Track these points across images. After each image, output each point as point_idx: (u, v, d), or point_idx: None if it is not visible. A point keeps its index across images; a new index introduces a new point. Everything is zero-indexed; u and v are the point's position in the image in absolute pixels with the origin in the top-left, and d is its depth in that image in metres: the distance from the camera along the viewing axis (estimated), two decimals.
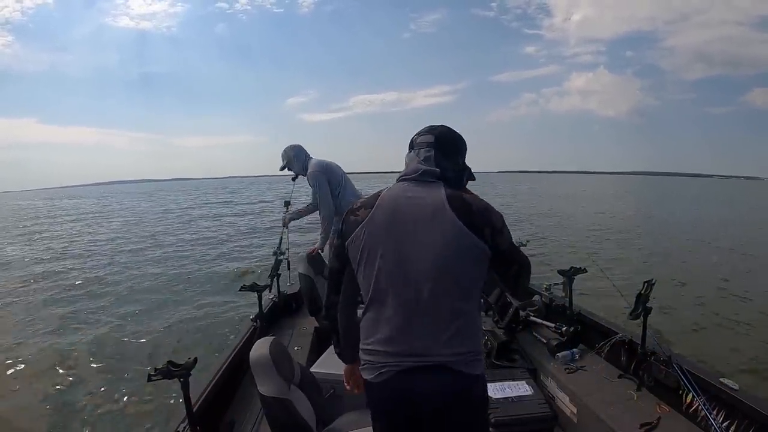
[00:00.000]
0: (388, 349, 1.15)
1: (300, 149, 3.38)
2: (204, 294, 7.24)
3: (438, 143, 1.22)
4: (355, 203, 1.24)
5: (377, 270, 1.15)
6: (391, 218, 1.15)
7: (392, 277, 1.14)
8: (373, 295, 1.17)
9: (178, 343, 5.13)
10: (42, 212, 29.84)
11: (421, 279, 1.12)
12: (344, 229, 1.21)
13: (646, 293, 2.10)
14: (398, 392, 1.15)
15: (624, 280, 6.20)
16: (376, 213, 1.16)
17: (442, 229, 1.12)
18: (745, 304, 6.42)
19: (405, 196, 1.17)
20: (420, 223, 1.13)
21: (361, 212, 1.19)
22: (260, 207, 24.83)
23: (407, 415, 1.17)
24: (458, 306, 1.14)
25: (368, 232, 1.16)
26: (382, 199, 1.18)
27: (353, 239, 1.18)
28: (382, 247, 1.15)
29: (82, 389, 4.13)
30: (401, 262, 1.13)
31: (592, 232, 13.36)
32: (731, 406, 1.75)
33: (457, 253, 1.12)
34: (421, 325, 1.13)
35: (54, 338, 5.42)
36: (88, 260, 10.56)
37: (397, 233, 1.14)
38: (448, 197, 1.15)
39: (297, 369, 1.70)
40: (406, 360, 1.13)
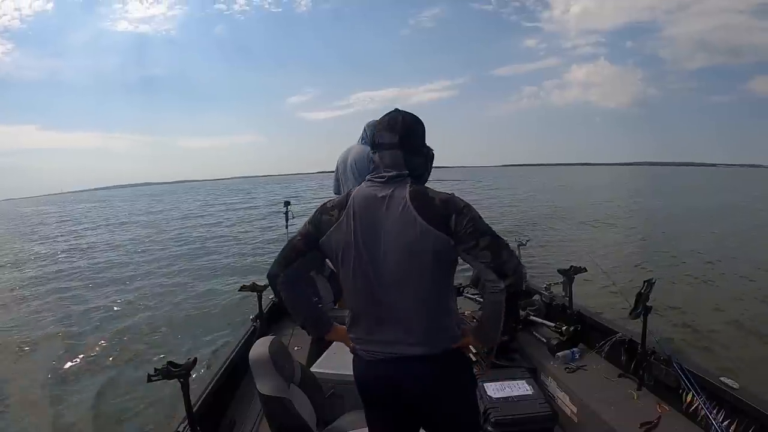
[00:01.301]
0: (371, 340, 1.24)
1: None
2: (204, 293, 7.24)
3: (403, 143, 1.23)
4: (328, 202, 1.29)
5: (352, 270, 1.21)
6: (361, 219, 1.19)
7: (364, 277, 1.20)
8: (350, 292, 1.25)
9: (178, 343, 5.13)
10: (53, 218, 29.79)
11: (389, 278, 1.19)
12: (319, 225, 1.25)
13: (646, 293, 2.10)
14: (384, 379, 1.24)
15: (624, 280, 6.20)
16: (347, 213, 1.21)
17: (406, 229, 1.16)
18: (745, 303, 6.42)
19: (375, 196, 1.21)
20: (387, 223, 1.18)
21: (335, 213, 1.23)
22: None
23: (395, 402, 1.25)
24: (428, 301, 1.20)
25: (341, 233, 1.21)
26: (353, 200, 1.22)
27: (328, 237, 1.23)
28: (354, 247, 1.19)
29: (82, 389, 4.13)
30: (371, 262, 1.19)
31: (590, 226, 13.35)
32: (731, 406, 1.74)
33: (420, 251, 1.16)
34: (393, 323, 1.21)
35: (54, 337, 5.42)
36: (93, 262, 10.56)
37: (367, 234, 1.19)
38: (411, 196, 1.18)
39: (297, 368, 1.69)
40: (386, 352, 1.22)
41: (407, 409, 1.27)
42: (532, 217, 16.48)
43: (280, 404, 1.46)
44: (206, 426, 1.74)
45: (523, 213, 17.90)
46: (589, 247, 9.80)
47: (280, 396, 1.46)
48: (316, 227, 1.25)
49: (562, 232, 12.88)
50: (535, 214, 17.04)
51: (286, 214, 4.20)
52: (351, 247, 1.20)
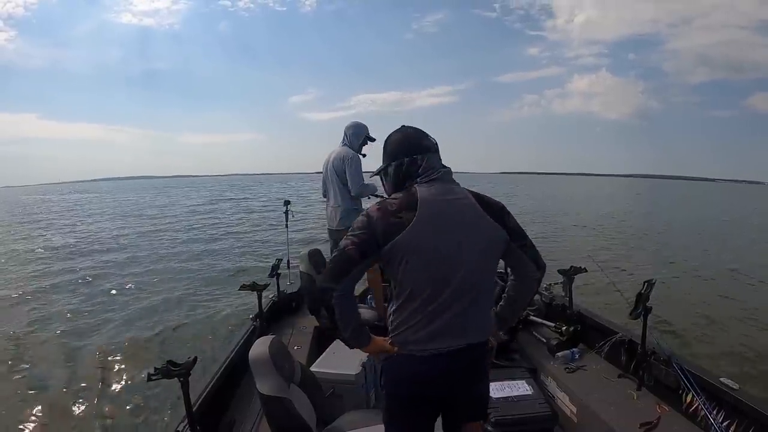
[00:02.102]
0: (441, 333, 1.26)
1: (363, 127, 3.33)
2: (204, 293, 7.24)
3: (437, 146, 1.37)
4: (391, 204, 1.27)
5: (424, 269, 1.24)
6: (437, 220, 1.24)
7: (445, 272, 1.24)
8: (417, 292, 1.25)
9: (178, 342, 5.13)
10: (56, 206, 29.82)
11: (467, 275, 1.25)
12: (384, 230, 1.23)
13: (646, 293, 2.10)
14: (445, 370, 1.28)
15: (624, 280, 6.21)
16: (421, 215, 1.23)
17: (483, 229, 1.26)
18: (746, 303, 6.43)
19: (444, 198, 1.27)
20: (464, 224, 1.25)
21: (403, 215, 1.23)
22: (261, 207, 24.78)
23: (448, 391, 1.33)
24: (490, 293, 1.36)
25: (416, 234, 1.22)
26: (423, 202, 1.25)
27: (398, 241, 1.22)
28: (432, 247, 1.23)
29: (82, 389, 4.12)
30: (451, 261, 1.24)
31: (595, 232, 13.37)
32: (731, 406, 1.75)
33: (494, 248, 1.29)
34: (470, 318, 1.28)
35: (54, 338, 5.42)
36: (95, 257, 10.56)
37: (446, 234, 1.24)
38: (474, 197, 1.30)
39: (297, 368, 1.69)
40: (453, 344, 1.27)
41: (452, 395, 1.34)
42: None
43: (280, 404, 1.46)
44: (206, 425, 1.74)
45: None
46: (589, 249, 9.81)
47: (279, 396, 1.46)
48: (380, 233, 1.23)
49: (562, 234, 12.89)
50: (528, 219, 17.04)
51: (286, 214, 4.20)
52: (428, 246, 1.22)
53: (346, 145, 3.25)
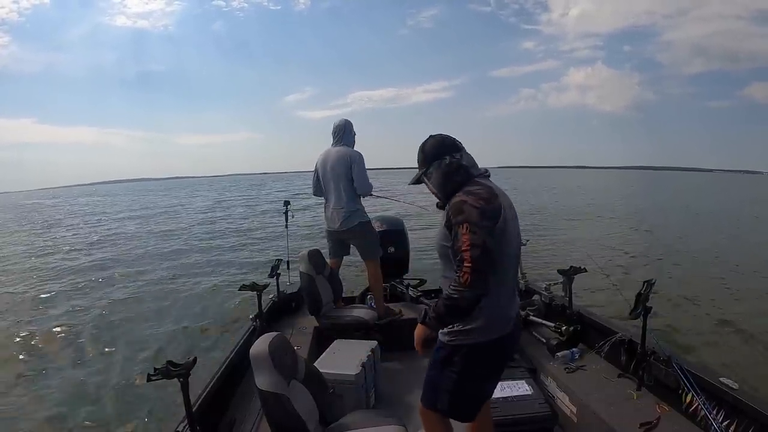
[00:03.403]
0: (510, 305, 1.54)
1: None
2: (204, 293, 7.24)
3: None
4: (481, 194, 1.42)
5: (509, 246, 1.46)
6: (509, 209, 1.49)
7: (516, 251, 1.53)
8: (504, 268, 1.46)
9: (178, 342, 5.13)
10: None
11: (519, 252, 1.58)
12: (494, 215, 1.40)
13: (646, 293, 2.10)
14: (513, 337, 1.56)
15: (624, 280, 6.21)
16: (503, 203, 1.45)
17: (516, 215, 1.54)
18: (746, 302, 6.43)
19: (501, 190, 1.51)
20: (515, 213, 1.52)
21: (496, 202, 1.42)
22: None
23: (508, 357, 1.65)
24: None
25: (505, 219, 1.43)
26: (500, 193, 1.49)
27: (500, 223, 1.41)
28: (512, 229, 1.47)
29: (81, 389, 4.13)
30: (518, 239, 1.53)
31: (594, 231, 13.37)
32: (731, 406, 1.74)
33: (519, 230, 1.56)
34: (513, 290, 1.58)
35: (54, 338, 5.42)
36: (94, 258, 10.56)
37: (515, 218, 1.51)
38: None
39: (301, 365, 1.69)
40: (517, 301, 1.60)
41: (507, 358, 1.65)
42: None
43: (277, 401, 1.46)
44: (206, 425, 1.74)
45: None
46: (589, 248, 9.81)
47: (277, 392, 1.46)
48: (492, 218, 1.38)
49: (562, 233, 12.90)
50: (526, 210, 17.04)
51: (285, 214, 4.20)
52: (509, 232, 1.45)
53: (343, 144, 3.23)
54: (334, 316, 3.09)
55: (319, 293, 3.05)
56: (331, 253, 3.43)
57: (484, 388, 1.61)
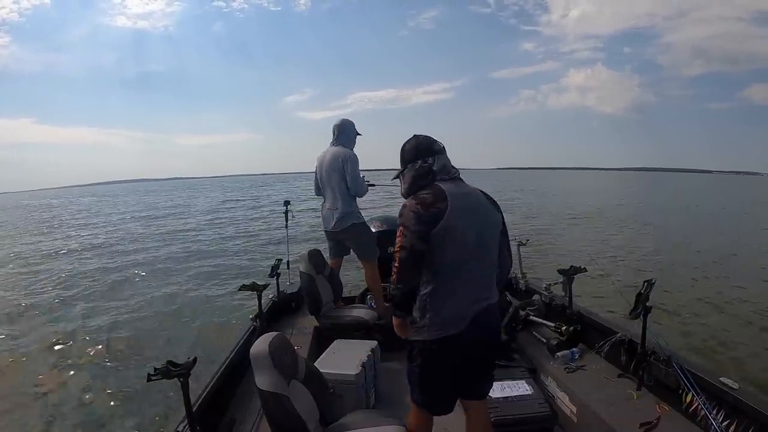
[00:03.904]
0: (469, 302, 1.55)
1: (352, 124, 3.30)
2: (204, 293, 7.24)
3: (444, 149, 1.66)
4: (426, 198, 1.53)
5: (463, 249, 1.52)
6: (466, 208, 1.55)
7: (472, 251, 1.55)
8: (455, 268, 1.53)
9: (178, 342, 5.13)
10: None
11: (490, 249, 1.61)
12: (429, 220, 1.49)
13: (646, 293, 2.10)
14: (486, 324, 1.59)
15: (624, 280, 6.20)
16: (453, 205, 1.51)
17: (493, 214, 1.63)
18: (746, 302, 6.43)
19: (462, 192, 1.58)
20: (483, 210, 1.60)
21: (440, 205, 1.50)
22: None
23: (472, 351, 1.60)
24: (496, 266, 1.66)
25: (452, 219, 1.49)
26: (451, 194, 1.53)
27: (442, 225, 1.49)
28: (465, 231, 1.52)
29: (81, 389, 4.12)
30: (480, 237, 1.56)
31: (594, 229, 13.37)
32: (731, 406, 1.74)
33: (497, 230, 1.65)
34: (487, 279, 1.62)
35: (53, 338, 5.42)
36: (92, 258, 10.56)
37: (474, 218, 1.56)
38: (479, 190, 1.66)
39: (301, 365, 1.69)
40: (482, 303, 1.57)
41: (485, 342, 1.64)
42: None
43: (278, 401, 1.46)
44: (206, 425, 1.74)
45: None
46: (589, 248, 9.81)
47: (277, 392, 1.46)
48: (428, 222, 1.49)
49: (562, 233, 12.90)
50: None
51: (285, 214, 4.20)
52: (462, 228, 1.51)
53: (340, 144, 3.22)
54: (334, 316, 3.09)
55: (319, 293, 3.04)
56: (331, 253, 3.43)
57: (448, 384, 1.62)
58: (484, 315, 1.56)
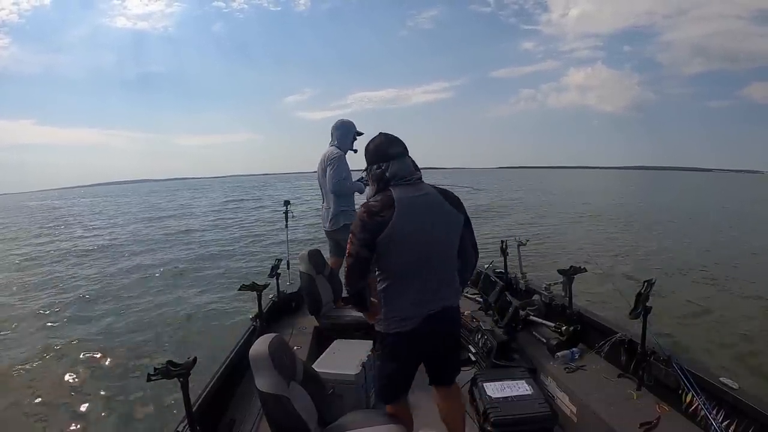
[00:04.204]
0: (430, 299, 1.62)
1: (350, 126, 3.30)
2: (204, 293, 7.25)
3: (407, 151, 1.68)
4: (374, 206, 1.58)
5: (411, 252, 1.58)
6: (415, 213, 1.57)
7: (424, 253, 1.59)
8: (403, 271, 1.60)
9: (178, 342, 5.14)
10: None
11: (443, 251, 1.64)
12: (373, 228, 1.55)
13: (646, 293, 2.09)
14: (444, 327, 1.69)
15: (624, 280, 6.20)
16: (400, 211, 1.55)
17: (448, 216, 1.64)
18: (746, 302, 6.42)
19: (414, 195, 1.60)
20: (437, 212, 1.62)
21: (386, 213, 1.55)
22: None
23: (427, 347, 1.70)
24: (455, 267, 1.70)
25: (398, 226, 1.54)
26: (398, 201, 1.57)
27: (386, 233, 1.54)
28: (413, 235, 1.56)
29: (81, 389, 4.13)
30: (429, 243, 1.59)
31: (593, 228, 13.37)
32: (731, 406, 1.74)
33: (456, 230, 1.67)
34: (443, 280, 1.66)
35: (53, 337, 5.43)
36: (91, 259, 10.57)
37: (425, 223, 1.58)
38: (439, 191, 1.66)
39: (299, 366, 1.69)
40: (436, 303, 1.63)
41: (435, 347, 1.73)
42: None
43: (278, 402, 1.46)
44: (206, 425, 1.74)
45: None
46: (589, 248, 9.81)
47: (277, 394, 1.46)
48: (372, 231, 1.55)
49: (562, 233, 12.90)
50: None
51: (285, 214, 4.20)
52: (408, 235, 1.55)
53: (333, 145, 3.26)
54: (334, 316, 3.09)
55: (319, 293, 3.05)
56: (331, 253, 3.44)
57: (401, 376, 1.74)
58: (438, 315, 1.63)
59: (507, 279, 3.51)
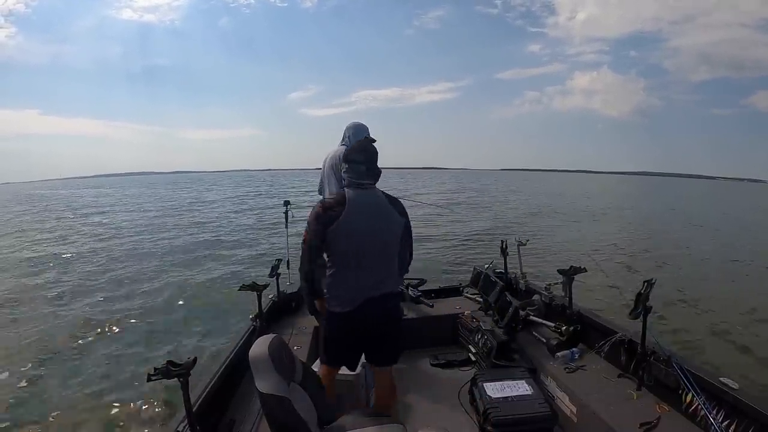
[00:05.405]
0: (362, 288, 1.87)
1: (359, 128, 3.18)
2: (204, 293, 7.25)
3: (369, 161, 1.89)
4: (326, 204, 1.87)
5: (356, 244, 1.83)
6: (362, 212, 1.83)
7: (367, 247, 1.85)
8: (346, 261, 1.86)
9: (178, 342, 5.14)
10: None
11: (384, 247, 1.90)
12: (326, 221, 1.82)
13: (646, 293, 2.10)
14: (380, 311, 1.92)
15: (624, 280, 6.20)
16: (350, 209, 1.82)
17: (390, 217, 1.91)
18: (746, 302, 6.43)
19: (363, 199, 1.86)
20: (380, 216, 1.88)
21: (337, 209, 1.82)
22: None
23: (365, 326, 1.92)
24: (395, 259, 1.96)
25: (346, 221, 1.81)
26: (350, 200, 1.83)
27: (335, 226, 1.81)
28: (359, 230, 1.82)
29: (81, 389, 4.13)
30: (373, 236, 1.85)
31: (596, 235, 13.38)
32: (731, 406, 1.74)
33: (396, 231, 1.94)
34: (383, 271, 1.92)
35: (52, 338, 5.43)
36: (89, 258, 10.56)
37: (369, 223, 1.84)
38: (388, 199, 1.94)
39: (299, 367, 1.69)
40: (374, 290, 1.88)
41: (368, 330, 1.94)
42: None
43: (279, 403, 1.46)
44: (206, 425, 1.74)
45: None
46: (589, 248, 9.81)
47: (278, 395, 1.46)
48: (324, 223, 1.82)
49: (562, 233, 12.90)
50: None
51: (285, 214, 4.20)
52: (356, 229, 1.81)
53: (344, 144, 3.22)
54: None
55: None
56: None
57: (345, 348, 2.02)
58: (377, 300, 1.87)
59: (507, 279, 3.51)
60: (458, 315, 3.29)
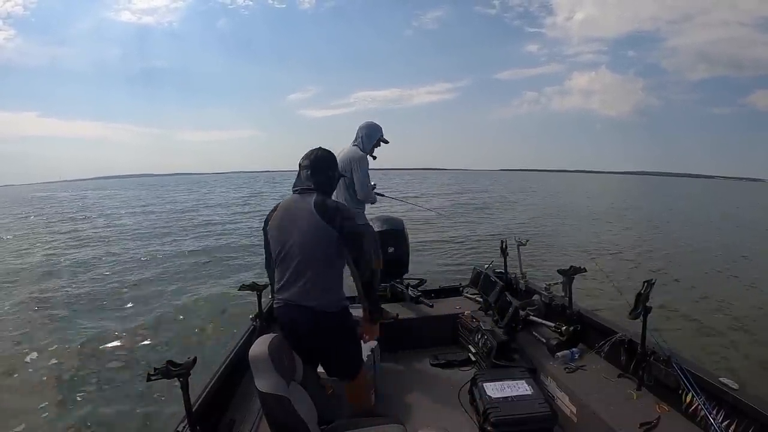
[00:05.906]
0: (285, 295, 1.87)
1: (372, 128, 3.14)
2: (204, 293, 7.25)
3: (312, 166, 1.92)
4: (274, 206, 1.96)
5: (278, 250, 1.88)
6: (284, 218, 1.90)
7: (285, 254, 1.86)
8: (275, 260, 1.92)
9: (178, 342, 5.14)
10: None
11: (298, 255, 1.83)
12: (265, 220, 1.96)
13: (646, 293, 2.09)
14: (287, 319, 1.89)
15: (624, 280, 6.20)
16: (277, 214, 1.92)
17: (309, 223, 1.82)
18: (746, 302, 6.43)
19: (291, 204, 1.91)
20: (298, 220, 1.84)
21: (272, 212, 1.94)
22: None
23: (292, 335, 1.83)
24: (321, 271, 1.84)
25: (273, 227, 1.91)
26: (281, 206, 1.94)
27: (268, 231, 1.93)
28: (279, 236, 1.88)
29: (81, 389, 4.13)
30: (289, 245, 1.84)
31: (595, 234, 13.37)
32: (731, 406, 1.74)
33: (316, 238, 1.82)
34: (299, 283, 1.83)
35: (52, 338, 5.43)
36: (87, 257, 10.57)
37: (286, 227, 1.87)
38: (314, 202, 1.84)
39: (299, 366, 1.69)
40: (286, 298, 1.87)
41: (297, 339, 1.83)
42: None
43: (279, 403, 1.46)
44: (206, 425, 1.74)
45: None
46: (589, 248, 9.81)
47: (278, 394, 1.46)
48: (264, 222, 1.96)
49: (562, 233, 12.90)
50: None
51: None
52: (278, 235, 1.88)
53: (356, 145, 3.13)
54: None
55: None
56: None
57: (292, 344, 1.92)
58: (292, 306, 1.84)
59: (507, 279, 3.51)
60: (458, 315, 3.29)
